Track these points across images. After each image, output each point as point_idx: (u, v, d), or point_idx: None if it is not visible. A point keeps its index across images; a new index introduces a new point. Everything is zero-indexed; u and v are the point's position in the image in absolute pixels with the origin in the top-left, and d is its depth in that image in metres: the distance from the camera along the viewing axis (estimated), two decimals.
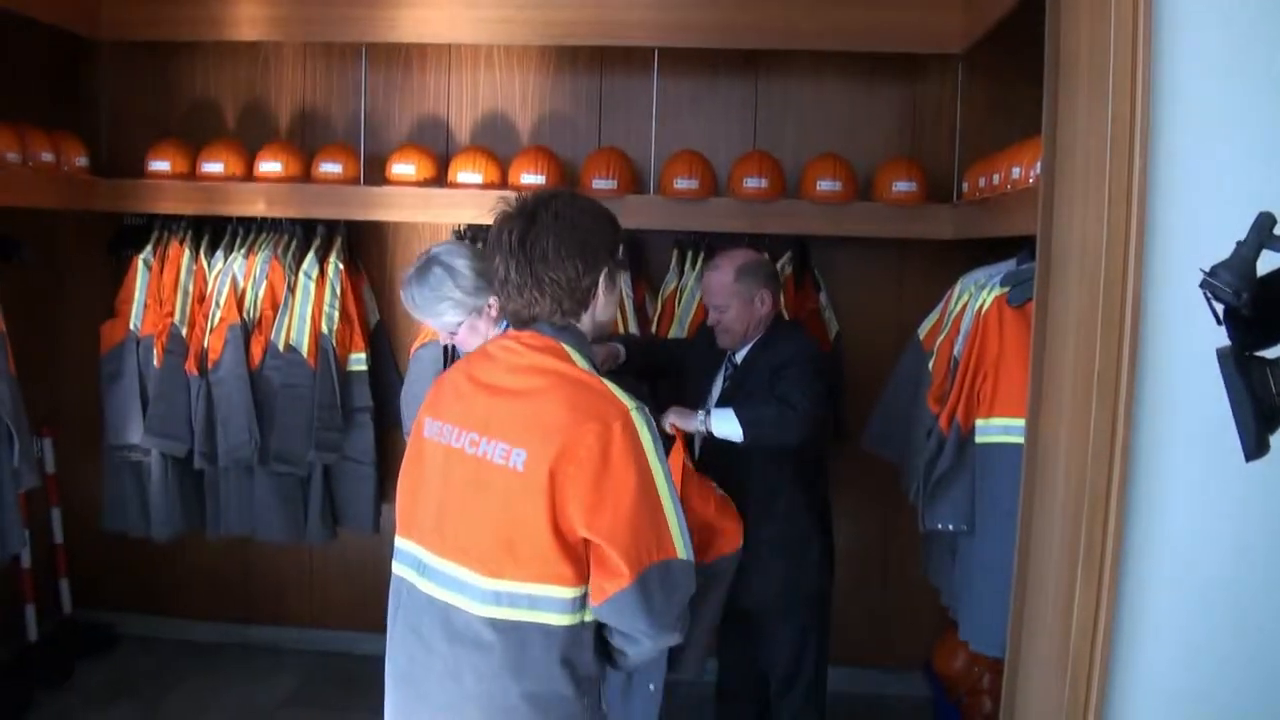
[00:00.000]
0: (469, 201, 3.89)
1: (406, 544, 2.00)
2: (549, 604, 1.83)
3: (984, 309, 2.98)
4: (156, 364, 3.99)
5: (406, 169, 3.99)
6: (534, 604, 1.82)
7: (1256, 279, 1.38)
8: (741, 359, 3.16)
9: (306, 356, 3.95)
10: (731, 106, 4.24)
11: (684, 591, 1.89)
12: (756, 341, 3.15)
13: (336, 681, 4.23)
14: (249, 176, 4.03)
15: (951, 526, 3.05)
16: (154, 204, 4.07)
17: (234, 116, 4.40)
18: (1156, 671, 2.03)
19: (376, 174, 4.06)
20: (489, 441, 1.86)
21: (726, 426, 2.88)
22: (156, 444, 3.99)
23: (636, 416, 1.84)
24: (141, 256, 4.08)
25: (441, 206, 3.98)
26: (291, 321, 3.96)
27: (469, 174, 3.96)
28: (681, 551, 1.86)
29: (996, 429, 2.88)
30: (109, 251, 4.29)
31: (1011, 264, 3.03)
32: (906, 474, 3.40)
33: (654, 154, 4.05)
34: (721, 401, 3.08)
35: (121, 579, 4.52)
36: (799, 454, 3.07)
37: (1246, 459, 1.39)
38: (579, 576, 1.83)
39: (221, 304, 3.98)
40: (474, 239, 3.82)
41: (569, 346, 1.93)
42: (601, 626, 1.90)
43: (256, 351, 3.97)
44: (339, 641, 4.45)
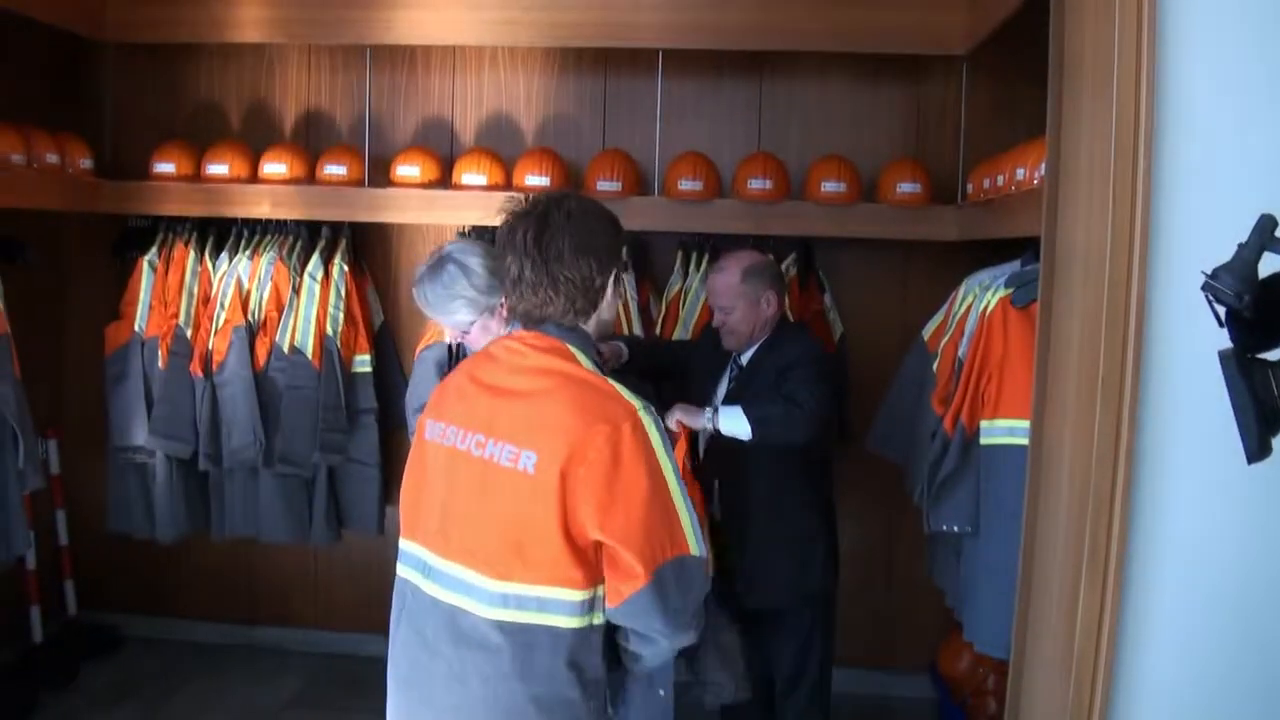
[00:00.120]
0: (473, 203, 3.89)
1: (411, 546, 1.99)
2: (558, 607, 1.82)
3: (988, 310, 2.98)
4: (161, 366, 4.00)
5: (411, 171, 4.00)
6: (543, 607, 1.82)
7: (1258, 281, 1.37)
8: (747, 361, 3.16)
9: (311, 358, 3.95)
10: (736, 108, 4.24)
11: (699, 588, 1.88)
12: (762, 343, 3.14)
13: (341, 683, 4.23)
14: (254, 178, 4.04)
15: (956, 528, 3.05)
16: (159, 206, 4.08)
17: (239, 118, 4.41)
18: (1160, 673, 2.03)
19: (381, 176, 4.06)
20: (496, 444, 1.86)
21: (733, 424, 2.88)
22: (161, 445, 4.00)
23: (644, 416, 1.84)
24: (146, 258, 4.08)
25: (446, 208, 3.98)
26: (296, 323, 3.96)
27: (473, 176, 3.96)
28: (694, 548, 1.85)
29: (1001, 430, 2.87)
30: (114, 253, 4.30)
31: (1016, 265, 3.02)
32: (911, 475, 3.40)
33: (658, 155, 4.04)
34: (727, 403, 3.07)
35: (126, 580, 4.53)
36: (804, 453, 3.07)
37: (1248, 461, 1.39)
38: (588, 579, 1.82)
39: (226, 306, 3.99)
40: (480, 239, 3.81)
41: (574, 347, 1.93)
42: (613, 630, 1.90)
43: (261, 353, 3.98)
44: (344, 643, 4.45)
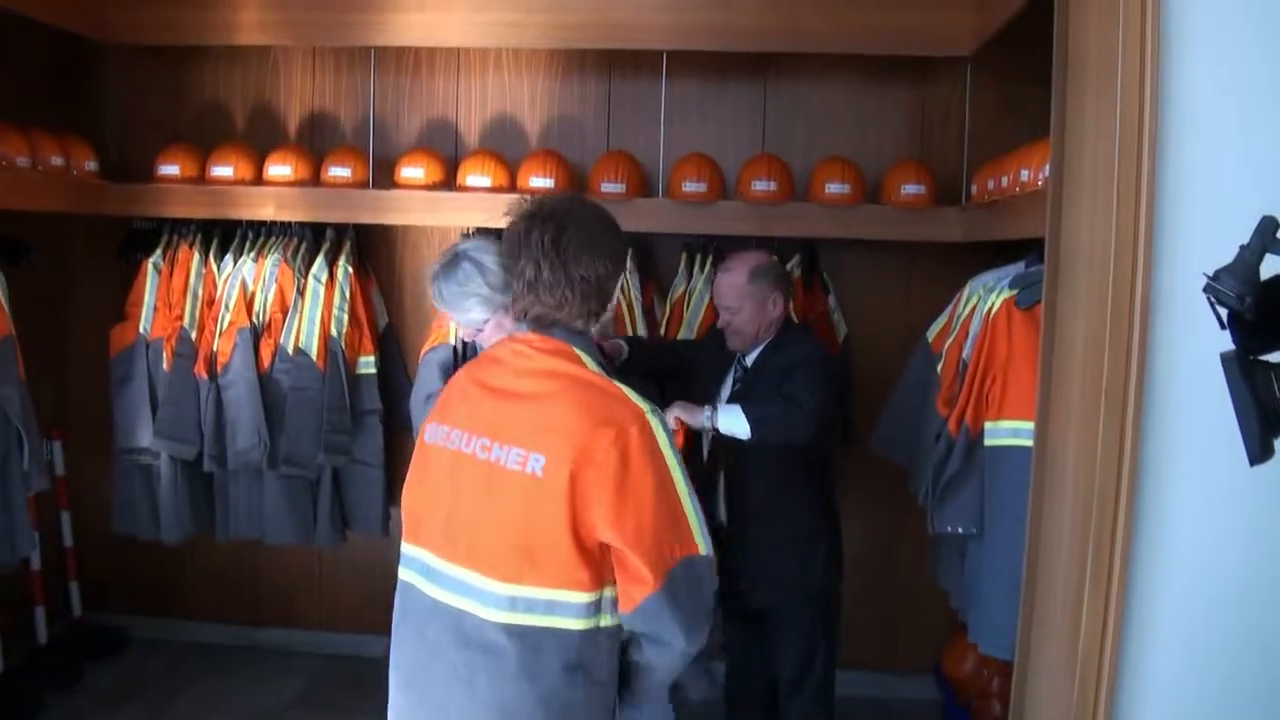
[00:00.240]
0: (478, 205, 3.89)
1: (413, 549, 1.99)
2: (566, 609, 1.82)
3: (992, 311, 2.98)
4: (166, 367, 4.00)
5: (415, 172, 4.00)
6: (551, 609, 1.82)
7: (1260, 283, 1.37)
8: (752, 362, 3.15)
9: (316, 360, 3.94)
10: (740, 109, 4.24)
11: (708, 586, 1.89)
12: (767, 344, 3.14)
13: (345, 684, 4.23)
14: (258, 180, 4.04)
15: (960, 529, 3.05)
16: (163, 208, 4.09)
17: (243, 120, 4.42)
18: (1165, 675, 2.03)
19: (385, 177, 4.06)
20: (501, 447, 1.86)
21: (732, 422, 2.87)
22: (166, 447, 4.00)
23: (651, 418, 1.85)
24: (151, 260, 4.09)
25: (450, 210, 3.98)
26: (301, 325, 3.96)
27: (478, 177, 3.96)
28: (702, 547, 1.86)
29: (1005, 432, 2.87)
30: (118, 255, 4.31)
31: (1020, 266, 3.02)
32: (915, 477, 3.39)
33: (662, 157, 4.04)
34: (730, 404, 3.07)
35: (131, 582, 4.53)
36: (806, 453, 3.07)
37: (1251, 463, 1.39)
38: (595, 581, 1.83)
39: (231, 307, 3.99)
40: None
41: (579, 349, 1.94)
42: (625, 644, 1.91)
43: (266, 355, 3.98)
44: (348, 644, 4.46)
